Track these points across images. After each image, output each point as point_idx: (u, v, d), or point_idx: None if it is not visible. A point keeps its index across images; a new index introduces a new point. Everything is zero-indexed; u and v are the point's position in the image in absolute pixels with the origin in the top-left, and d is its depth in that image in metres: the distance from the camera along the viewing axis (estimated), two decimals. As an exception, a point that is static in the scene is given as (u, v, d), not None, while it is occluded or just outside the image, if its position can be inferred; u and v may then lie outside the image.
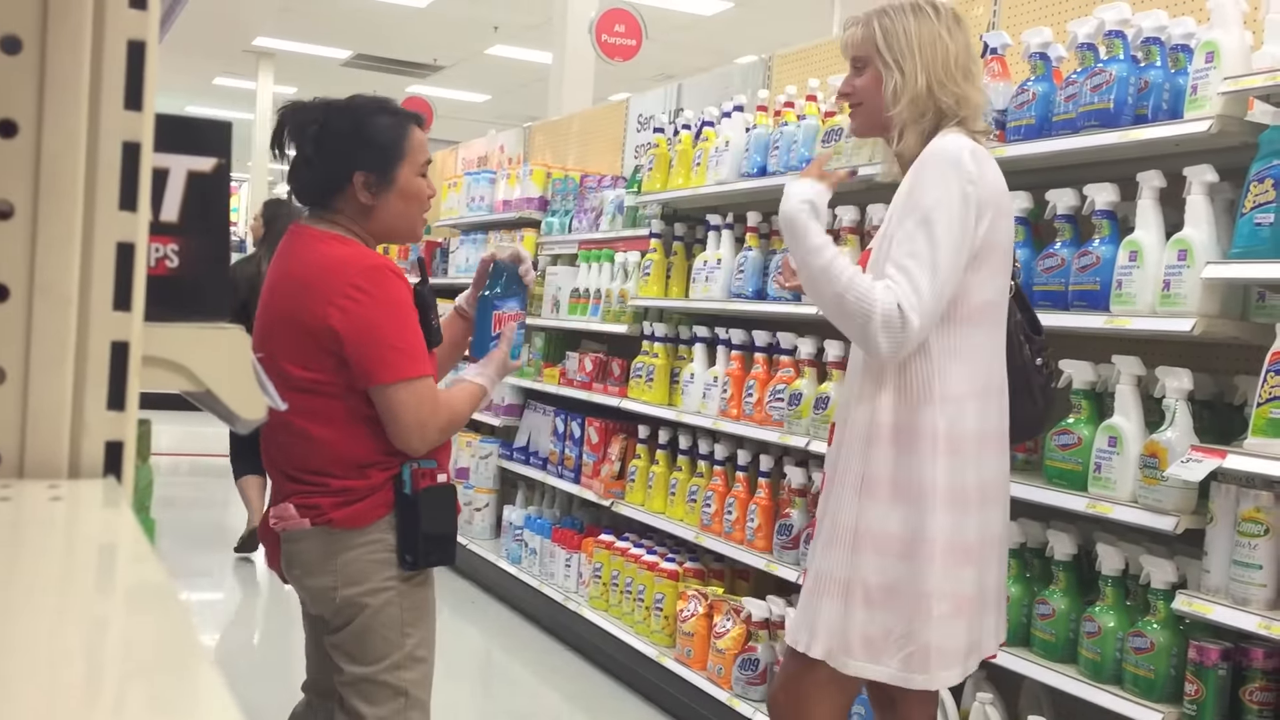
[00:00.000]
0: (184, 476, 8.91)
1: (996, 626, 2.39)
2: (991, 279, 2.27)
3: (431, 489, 2.31)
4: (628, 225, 5.21)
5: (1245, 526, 2.41)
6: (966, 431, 2.23)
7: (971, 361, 2.26)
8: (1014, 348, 2.41)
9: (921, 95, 2.29)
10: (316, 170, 2.35)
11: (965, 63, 2.32)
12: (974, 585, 2.26)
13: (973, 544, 2.24)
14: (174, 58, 15.22)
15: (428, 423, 2.29)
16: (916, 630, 2.20)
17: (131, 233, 0.89)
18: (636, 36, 8.60)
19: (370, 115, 2.35)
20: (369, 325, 2.24)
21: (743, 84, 5.11)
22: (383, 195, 2.35)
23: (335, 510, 2.29)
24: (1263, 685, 2.47)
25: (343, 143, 2.32)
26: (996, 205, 2.24)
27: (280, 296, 2.35)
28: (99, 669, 0.54)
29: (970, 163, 2.21)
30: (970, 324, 2.25)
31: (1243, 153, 2.53)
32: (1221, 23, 2.60)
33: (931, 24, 2.30)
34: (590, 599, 4.87)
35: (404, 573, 2.33)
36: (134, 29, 0.87)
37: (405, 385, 2.26)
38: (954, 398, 2.22)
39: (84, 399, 0.87)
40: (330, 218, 2.36)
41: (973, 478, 2.24)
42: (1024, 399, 2.42)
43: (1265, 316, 2.62)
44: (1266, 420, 2.37)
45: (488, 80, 16.88)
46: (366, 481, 2.30)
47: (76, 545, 0.75)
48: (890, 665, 2.22)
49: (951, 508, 2.21)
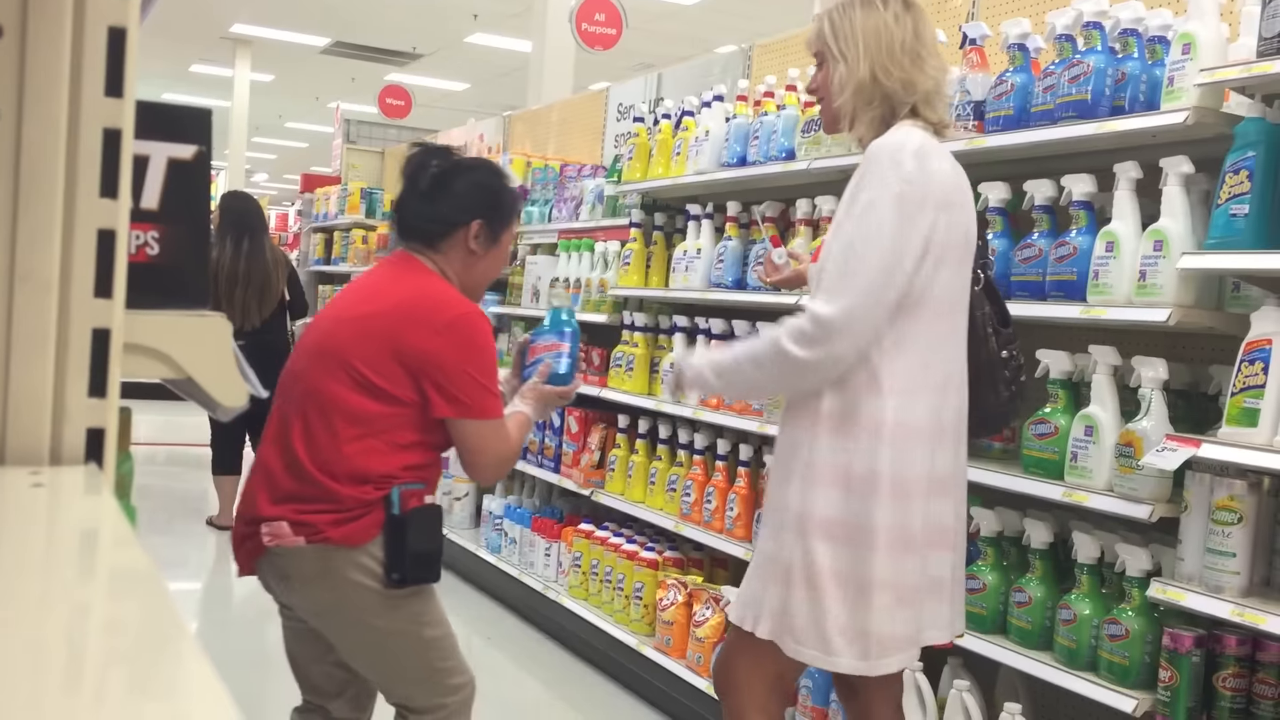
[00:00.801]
0: (161, 466, 8.87)
1: (951, 616, 2.38)
2: (944, 273, 2.25)
3: (419, 509, 2.40)
4: (608, 215, 5.20)
5: (1219, 515, 2.43)
6: (915, 423, 2.23)
7: (924, 354, 2.25)
8: (979, 340, 2.41)
9: (866, 83, 2.31)
10: (436, 208, 2.55)
11: (914, 47, 2.31)
12: (918, 574, 2.26)
13: (917, 534, 2.24)
14: (151, 44, 15.11)
15: (505, 463, 2.52)
16: (858, 617, 2.21)
17: (112, 220, 0.89)
18: (617, 25, 8.58)
19: (499, 178, 2.65)
20: (466, 364, 2.42)
21: (723, 74, 5.11)
22: (489, 249, 2.58)
23: (332, 528, 2.37)
24: (1236, 672, 2.49)
25: (476, 193, 2.55)
26: (942, 200, 2.23)
27: (371, 304, 2.50)
28: (81, 653, 0.55)
29: (910, 162, 2.21)
30: (922, 318, 2.24)
31: (1218, 144, 2.55)
32: (1198, 15, 2.62)
33: (878, 13, 2.32)
34: (570, 588, 4.88)
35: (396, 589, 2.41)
36: (114, 15, 0.87)
37: (491, 424, 2.47)
38: (903, 389, 2.22)
39: (65, 386, 0.87)
40: (434, 257, 2.56)
41: (920, 469, 2.24)
42: (988, 391, 2.43)
43: (1240, 307, 2.65)
44: (1240, 410, 2.39)
45: (467, 69, 16.83)
46: (365, 497, 2.38)
47: (58, 531, 0.75)
48: (831, 651, 2.23)
49: (896, 497, 2.21)
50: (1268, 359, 2.36)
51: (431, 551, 2.43)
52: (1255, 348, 2.40)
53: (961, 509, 2.39)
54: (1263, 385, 2.36)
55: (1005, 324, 2.51)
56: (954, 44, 3.37)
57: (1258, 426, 2.35)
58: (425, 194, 2.55)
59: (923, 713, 3.04)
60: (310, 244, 10.25)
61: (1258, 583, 2.49)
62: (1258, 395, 2.36)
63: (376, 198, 9.19)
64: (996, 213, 3.07)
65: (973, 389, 2.40)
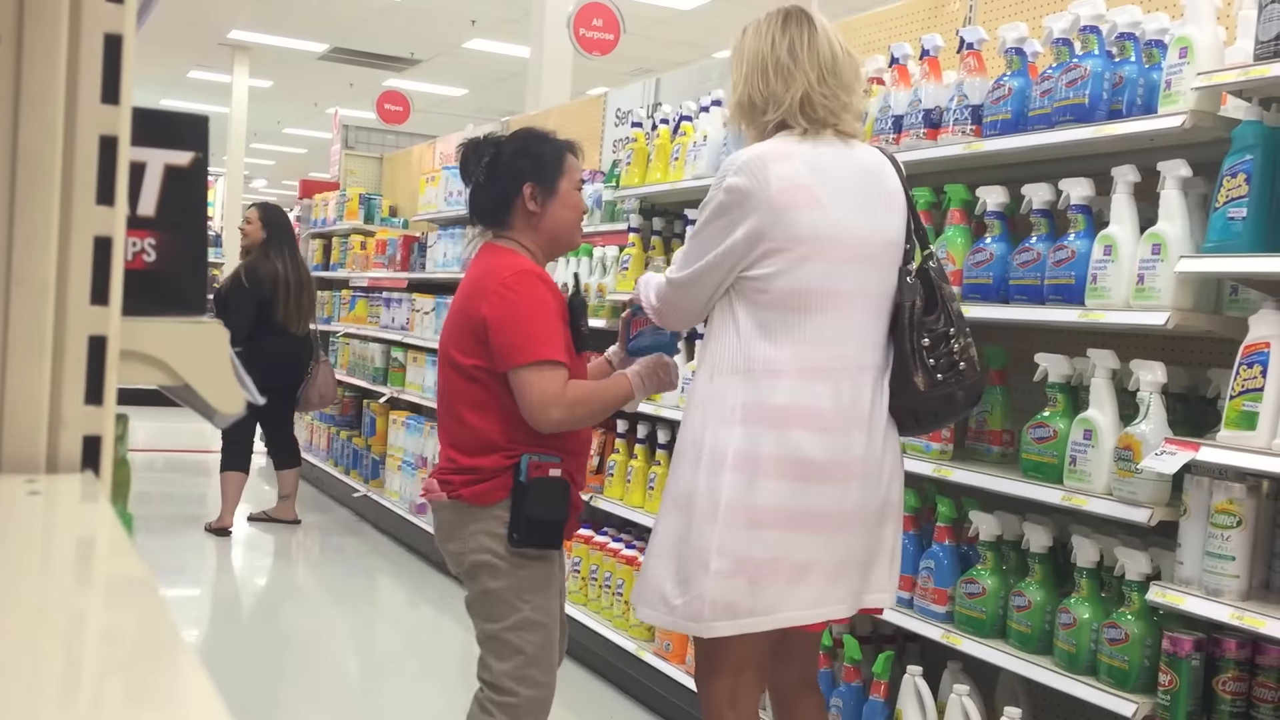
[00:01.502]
0: (159, 472, 8.86)
1: (822, 598, 2.38)
2: (797, 267, 2.34)
3: (541, 479, 2.64)
4: (606, 219, 5.21)
5: (1218, 518, 2.43)
6: (771, 405, 2.34)
7: (790, 343, 2.36)
8: (901, 329, 2.45)
9: (745, 105, 2.49)
10: (491, 190, 2.78)
11: (786, 64, 2.43)
12: (761, 550, 2.31)
13: (762, 510, 2.31)
14: (148, 50, 15.11)
15: (550, 404, 2.61)
16: (694, 581, 2.34)
17: (109, 227, 0.89)
18: (614, 31, 8.59)
19: (535, 141, 2.82)
20: (511, 316, 2.63)
21: (721, 78, 5.11)
22: (548, 204, 2.77)
23: (465, 487, 2.68)
24: (1235, 675, 2.49)
25: (514, 161, 2.76)
26: (778, 203, 2.34)
27: (459, 298, 2.78)
28: (78, 662, 0.54)
29: (735, 175, 2.37)
30: (783, 309, 2.36)
31: (1216, 147, 2.55)
32: (1195, 18, 2.62)
33: (759, 38, 2.48)
34: (569, 594, 4.88)
35: (519, 548, 2.65)
36: (111, 22, 0.87)
37: (533, 367, 2.61)
38: (760, 373, 2.35)
39: (62, 393, 0.87)
40: (506, 234, 2.80)
41: (773, 448, 2.32)
42: (906, 382, 2.44)
43: (1238, 310, 2.65)
44: (1239, 413, 2.39)
45: (465, 74, 16.84)
46: (491, 464, 2.67)
47: (55, 539, 0.75)
48: (677, 614, 2.37)
49: (739, 471, 2.32)
50: (1266, 362, 2.36)
51: (549, 520, 2.65)
52: (1253, 351, 2.40)
53: (858, 496, 2.38)
54: (1261, 388, 2.36)
55: (929, 312, 2.47)
56: (951, 48, 3.38)
57: (1256, 430, 2.35)
58: (481, 185, 2.79)
59: (922, 717, 3.03)
60: (309, 250, 10.24)
61: (1257, 586, 2.49)
62: (1256, 398, 2.36)
63: (375, 203, 9.19)
64: (995, 216, 3.07)
65: (897, 378, 2.46)
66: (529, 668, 2.68)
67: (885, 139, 3.32)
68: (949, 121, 3.17)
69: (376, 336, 8.03)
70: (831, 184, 2.39)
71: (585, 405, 2.67)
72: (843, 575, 2.40)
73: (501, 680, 2.67)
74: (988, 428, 3.18)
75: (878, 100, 3.44)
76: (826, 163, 2.40)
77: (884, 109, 3.36)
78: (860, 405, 2.39)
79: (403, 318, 7.57)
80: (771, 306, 2.36)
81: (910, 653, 3.39)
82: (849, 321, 2.39)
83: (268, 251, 6.79)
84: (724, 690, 2.48)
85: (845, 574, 2.40)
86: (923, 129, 3.24)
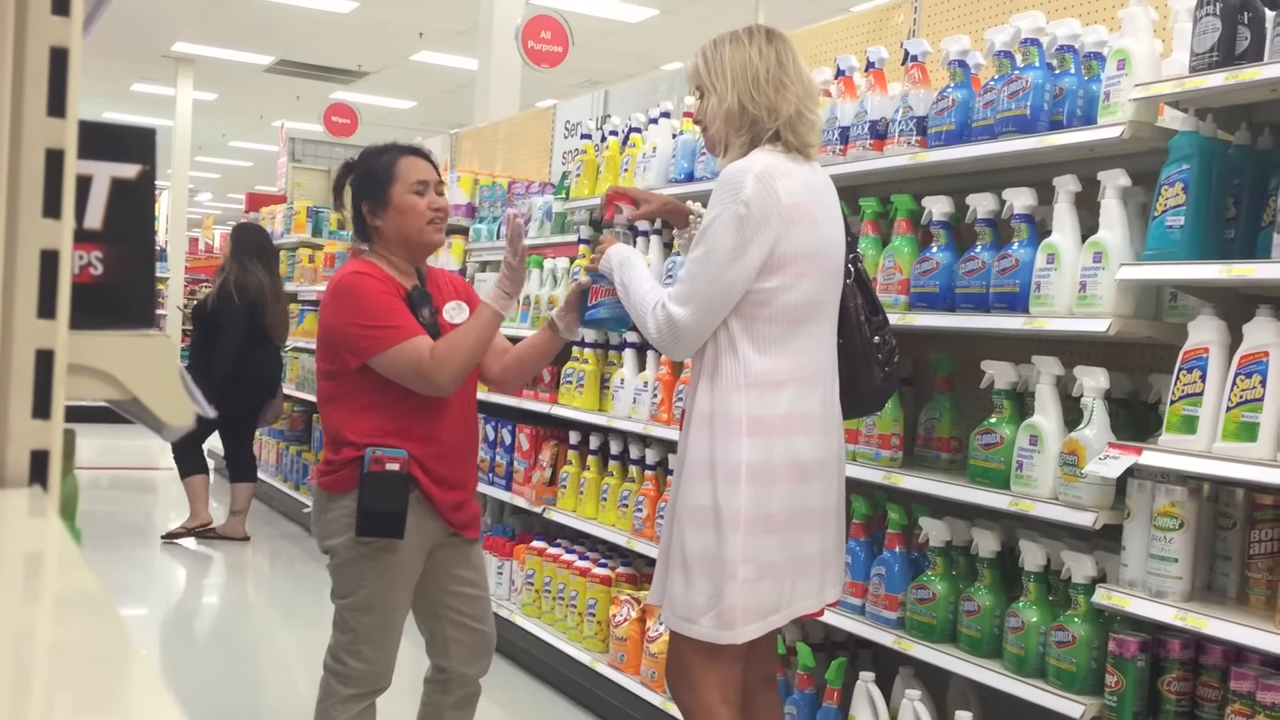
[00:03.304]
0: (104, 490, 8.73)
1: (821, 588, 2.57)
2: (798, 282, 2.45)
3: (377, 474, 2.78)
4: (556, 231, 5.21)
5: (1161, 521, 2.48)
6: (775, 415, 2.44)
7: (786, 355, 2.46)
8: (853, 328, 2.63)
9: (735, 112, 2.53)
10: (351, 212, 2.98)
11: (777, 75, 2.52)
12: (779, 552, 2.45)
13: (777, 514, 2.44)
14: (92, 63, 14.92)
15: (425, 370, 2.76)
16: (725, 592, 2.42)
17: (55, 240, 0.88)
18: (563, 43, 8.60)
19: (367, 158, 2.98)
20: (351, 314, 2.81)
21: (669, 90, 5.14)
22: (385, 215, 2.91)
23: (322, 477, 2.91)
24: (1180, 675, 2.54)
25: (354, 185, 2.96)
26: (787, 218, 2.42)
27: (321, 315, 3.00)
28: (29, 674, 0.54)
29: (751, 186, 2.40)
30: (781, 322, 2.45)
31: (1154, 157, 2.60)
32: (1132, 31, 2.68)
33: (744, 48, 2.55)
34: (523, 606, 4.87)
35: (359, 537, 2.81)
36: (56, 35, 0.87)
37: (392, 350, 2.77)
38: (762, 386, 2.43)
39: (8, 408, 0.86)
40: (363, 247, 3.00)
41: (780, 456, 2.44)
42: (865, 372, 2.65)
43: (1177, 316, 2.70)
44: (1180, 417, 2.44)
45: (413, 87, 16.78)
46: (341, 456, 2.85)
47: (4, 554, 0.75)
48: (705, 625, 2.45)
49: (755, 482, 2.41)
50: (1205, 367, 2.41)
51: (383, 511, 2.78)
52: (1192, 356, 2.45)
53: (834, 491, 2.58)
54: (1200, 393, 2.41)
55: (876, 312, 2.72)
56: (896, 61, 3.42)
57: (1196, 434, 2.40)
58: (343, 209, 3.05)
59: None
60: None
61: (1199, 587, 2.54)
62: (1195, 403, 2.41)
63: (323, 216, 9.12)
64: (940, 226, 3.11)
65: (852, 373, 2.63)
66: (360, 644, 2.87)
67: (832, 150, 3.35)
68: (895, 133, 3.21)
69: (326, 350, 7.95)
70: (820, 202, 2.52)
71: (458, 350, 2.78)
72: (827, 564, 2.58)
73: (336, 650, 2.91)
74: (936, 435, 3.22)
75: (825, 112, 3.47)
76: (813, 181, 2.53)
77: (830, 120, 3.40)
78: (833, 406, 2.57)
79: (352, 331, 7.51)
80: (770, 320, 2.44)
81: (863, 659, 3.42)
82: (826, 330, 2.56)
83: (244, 265, 6.92)
84: (718, 687, 2.54)
85: (827, 563, 2.58)
86: (869, 140, 3.28)
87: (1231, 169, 2.51)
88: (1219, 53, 2.40)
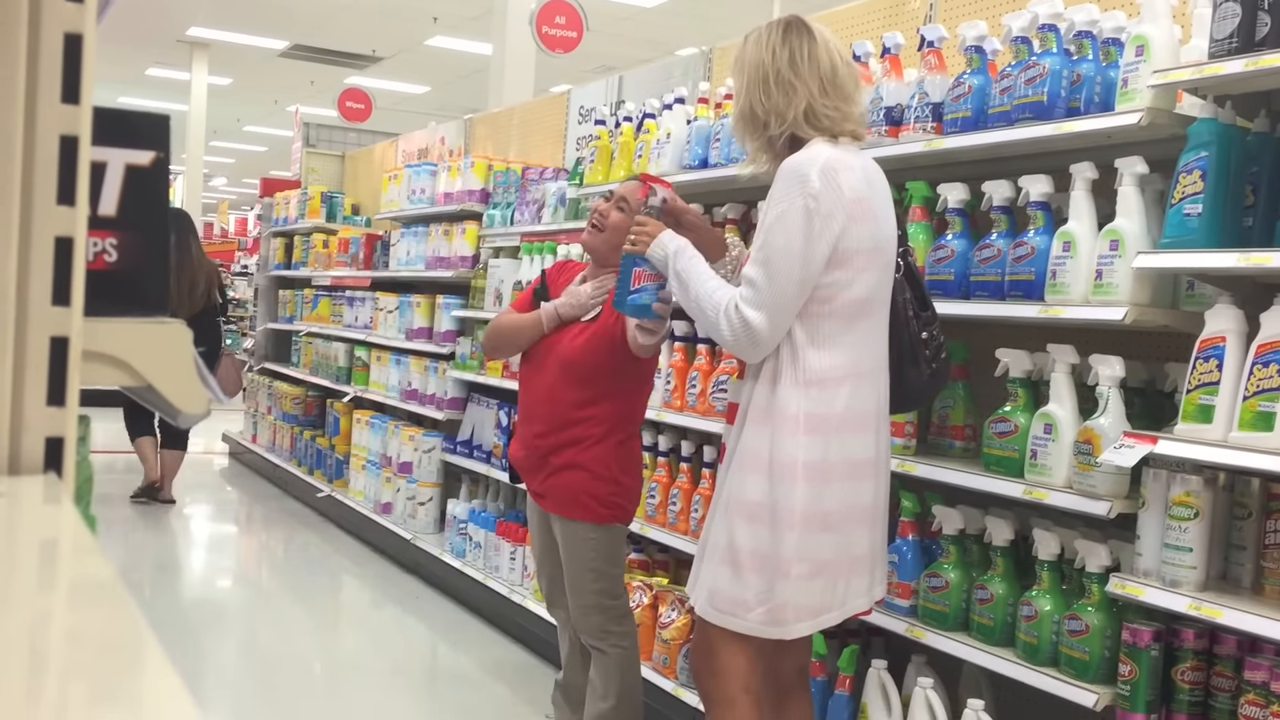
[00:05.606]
0: (120, 474, 8.77)
1: (870, 586, 2.57)
2: (858, 277, 2.43)
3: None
4: (570, 217, 5.20)
5: (1176, 510, 2.47)
6: (832, 413, 2.42)
7: (843, 351, 2.44)
8: (901, 323, 2.60)
9: (746, 115, 2.55)
10: None
11: (787, 77, 2.49)
12: (833, 550, 2.44)
13: (833, 513, 2.43)
14: (106, 48, 14.93)
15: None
16: (777, 589, 2.42)
17: (70, 227, 0.88)
18: (577, 28, 8.58)
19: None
20: None
21: (684, 76, 5.13)
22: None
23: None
24: (1193, 665, 2.53)
25: None
26: (850, 213, 2.39)
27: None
28: (44, 662, 0.54)
29: (816, 179, 2.37)
30: (840, 318, 2.43)
31: (1172, 144, 2.58)
32: (1151, 17, 2.66)
33: (759, 48, 2.53)
34: (535, 591, 4.87)
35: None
36: (70, 22, 0.87)
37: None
38: (820, 383, 2.41)
39: (23, 395, 0.87)
40: None
41: (835, 454, 2.43)
42: (911, 369, 2.63)
43: (1194, 305, 2.68)
44: (1196, 406, 2.42)
45: (428, 72, 16.76)
46: None
47: (19, 541, 0.75)
48: (754, 620, 2.44)
49: (811, 481, 2.40)
50: (1221, 356, 2.40)
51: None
52: (1209, 345, 2.43)
53: (883, 488, 2.57)
54: (1217, 382, 2.39)
55: (925, 307, 2.68)
56: (912, 46, 3.40)
57: (1213, 423, 2.38)
58: None
59: (887, 710, 3.06)
60: (270, 248, 10.17)
61: (1214, 577, 2.53)
62: (1212, 392, 2.40)
63: (337, 201, 9.13)
64: (956, 214, 3.09)
65: (898, 368, 2.60)
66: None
67: (847, 136, 3.34)
68: (910, 119, 3.19)
69: (339, 335, 7.98)
70: (879, 195, 2.50)
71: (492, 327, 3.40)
72: (876, 562, 2.59)
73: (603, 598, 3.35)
74: (950, 423, 3.21)
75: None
76: (871, 174, 2.50)
77: (846, 107, 3.38)
78: (885, 403, 2.56)
79: (366, 317, 7.53)
80: (829, 316, 2.42)
81: (875, 647, 3.42)
82: (880, 325, 2.55)
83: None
84: (741, 675, 2.55)
85: (876, 560, 2.59)
86: (884, 126, 3.26)
87: (1250, 156, 2.49)
88: (1239, 39, 2.38)
